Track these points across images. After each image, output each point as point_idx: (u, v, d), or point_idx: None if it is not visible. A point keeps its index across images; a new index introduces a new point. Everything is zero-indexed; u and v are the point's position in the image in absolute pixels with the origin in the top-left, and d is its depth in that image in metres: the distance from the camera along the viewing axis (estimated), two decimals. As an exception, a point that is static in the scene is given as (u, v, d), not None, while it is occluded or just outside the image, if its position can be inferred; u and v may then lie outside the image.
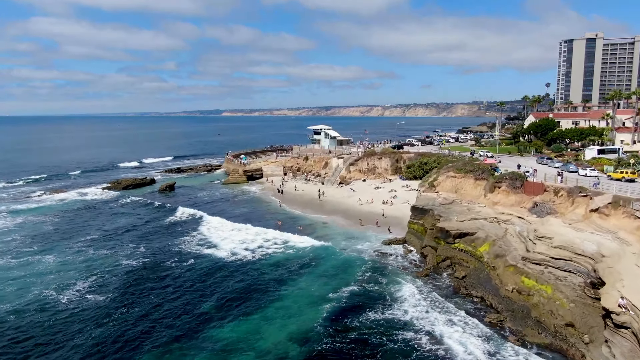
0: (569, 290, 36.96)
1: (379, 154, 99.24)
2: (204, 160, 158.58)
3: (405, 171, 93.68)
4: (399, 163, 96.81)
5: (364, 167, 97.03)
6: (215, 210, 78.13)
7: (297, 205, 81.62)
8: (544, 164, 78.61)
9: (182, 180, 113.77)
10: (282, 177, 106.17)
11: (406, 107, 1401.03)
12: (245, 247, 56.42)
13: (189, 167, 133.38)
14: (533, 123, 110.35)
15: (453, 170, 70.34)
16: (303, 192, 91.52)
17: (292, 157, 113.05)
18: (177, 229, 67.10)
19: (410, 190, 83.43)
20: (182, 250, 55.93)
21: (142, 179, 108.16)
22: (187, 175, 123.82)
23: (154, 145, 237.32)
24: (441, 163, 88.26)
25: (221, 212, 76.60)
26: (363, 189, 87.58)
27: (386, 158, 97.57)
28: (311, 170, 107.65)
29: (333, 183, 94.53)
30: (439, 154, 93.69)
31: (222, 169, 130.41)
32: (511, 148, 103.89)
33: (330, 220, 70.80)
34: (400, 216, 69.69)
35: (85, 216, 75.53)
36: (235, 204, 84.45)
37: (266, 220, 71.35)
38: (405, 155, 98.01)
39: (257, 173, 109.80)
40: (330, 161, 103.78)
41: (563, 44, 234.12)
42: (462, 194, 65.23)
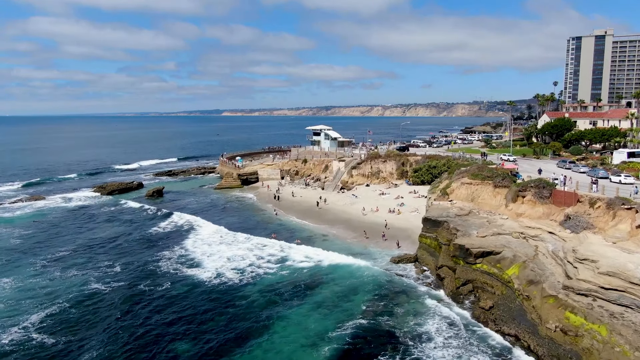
0: (629, 332, 29.56)
1: (383, 156, 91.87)
2: (200, 162, 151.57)
3: (412, 175, 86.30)
4: (405, 167, 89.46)
5: (368, 171, 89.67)
6: (204, 220, 70.76)
7: (295, 213, 74.32)
8: (567, 169, 71.24)
9: (172, 184, 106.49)
10: (279, 181, 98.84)
11: (406, 107, 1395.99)
12: (232, 267, 49.02)
13: (181, 169, 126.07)
14: (548, 123, 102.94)
15: (468, 176, 62.98)
16: (301, 198, 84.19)
17: (290, 160, 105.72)
18: (158, 242, 59.72)
19: (418, 197, 76.05)
20: (160, 271, 48.56)
21: (129, 183, 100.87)
22: (178, 178, 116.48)
23: (150, 146, 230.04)
24: (452, 167, 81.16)
25: (210, 222, 69.28)
26: (367, 196, 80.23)
27: (391, 161, 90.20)
28: (310, 174, 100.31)
29: (334, 188, 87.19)
30: (448, 157, 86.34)
31: (216, 172, 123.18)
32: (526, 150, 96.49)
33: (331, 232, 63.47)
34: (409, 228, 62.39)
35: (60, 227, 68.21)
36: (226, 212, 77.04)
37: (259, 231, 64.00)
38: (412, 158, 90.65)
39: (252, 177, 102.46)
40: (330, 164, 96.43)
41: (571, 42, 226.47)
42: (480, 203, 57.87)
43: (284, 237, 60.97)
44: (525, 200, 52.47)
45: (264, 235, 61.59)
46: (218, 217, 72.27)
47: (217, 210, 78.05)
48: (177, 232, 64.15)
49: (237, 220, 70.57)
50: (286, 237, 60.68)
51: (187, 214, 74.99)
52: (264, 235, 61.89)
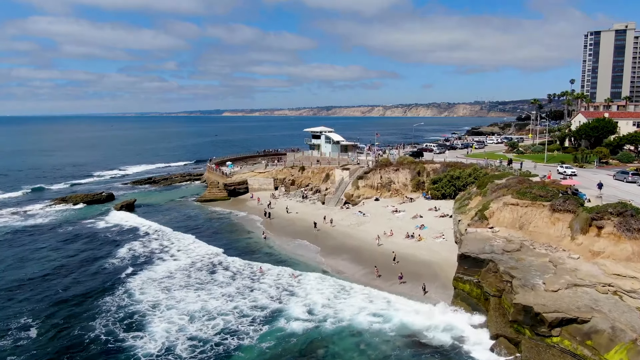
0: None
1: (395, 164, 77.26)
2: (190, 168, 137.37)
3: (430, 188, 71.72)
4: (421, 176, 74.87)
5: (377, 181, 75.10)
6: (171, 246, 56.32)
7: (288, 236, 59.85)
8: (631, 182, 56.77)
9: (148, 195, 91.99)
10: (272, 193, 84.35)
11: (407, 107, 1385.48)
12: (193, 332, 34.41)
13: (163, 177, 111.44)
14: (585, 124, 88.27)
15: (512, 193, 48.48)
16: (297, 215, 69.73)
17: (285, 167, 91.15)
18: (104, 281, 45.18)
19: (441, 217, 61.48)
20: (87, 336, 34.00)
21: (97, 195, 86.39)
22: (158, 187, 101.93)
23: (141, 148, 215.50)
24: (480, 178, 66.80)
25: (179, 250, 54.82)
26: (376, 213, 65.72)
27: (405, 170, 75.59)
28: (308, 184, 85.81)
29: (336, 203, 72.71)
30: (473, 165, 71.75)
31: (202, 180, 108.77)
32: (563, 156, 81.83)
33: (333, 265, 48.96)
34: (435, 261, 47.91)
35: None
36: (203, 235, 62.37)
37: (240, 265, 49.51)
38: (429, 167, 76.04)
39: (240, 187, 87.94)
40: (332, 173, 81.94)
41: (589, 37, 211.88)
42: (532, 232, 43.40)
43: (273, 274, 46.49)
44: (604, 233, 37.87)
45: (247, 272, 47.13)
46: (190, 244, 57.63)
47: (192, 232, 63.37)
48: (131, 266, 49.58)
49: (215, 248, 55.96)
50: (275, 274, 46.25)
51: (153, 237, 60.58)
52: (247, 271, 47.41)
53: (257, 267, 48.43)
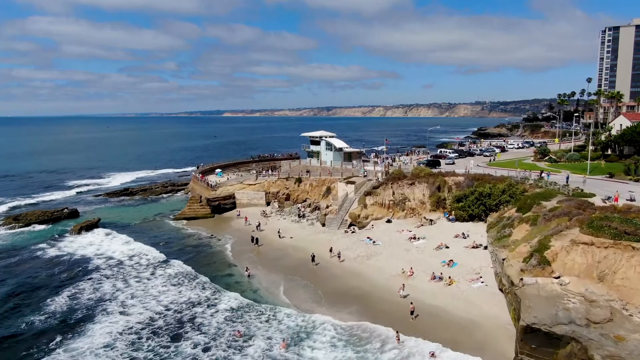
0: None
1: (409, 176, 64.23)
2: (183, 173, 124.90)
3: (454, 207, 58.71)
4: (441, 192, 61.87)
5: (388, 198, 62.10)
6: (127, 290, 43.41)
7: (279, 272, 47.00)
8: None
9: (119, 211, 79.05)
10: (263, 210, 71.42)
11: (408, 108, 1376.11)
12: None
13: (142, 187, 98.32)
14: (631, 128, 75.24)
15: (580, 226, 35.55)
16: (291, 241, 56.84)
17: (279, 179, 78.13)
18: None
19: (473, 248, 48.49)
20: None
21: (58, 212, 73.47)
22: (134, 200, 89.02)
23: (131, 152, 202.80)
24: (516, 195, 54.19)
25: (134, 297, 41.88)
26: (390, 241, 52.78)
27: (421, 184, 62.59)
28: (306, 198, 72.96)
29: (339, 225, 59.76)
30: (509, 180, 58.70)
31: (186, 191, 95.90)
32: (611, 167, 68.79)
33: (337, 324, 35.98)
34: (478, 321, 34.94)
35: None
36: (172, 269, 49.46)
37: (218, 323, 36.62)
38: (451, 180, 63.01)
39: (226, 202, 75.05)
40: (334, 186, 69.06)
41: (607, 32, 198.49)
42: (619, 287, 30.53)
43: (258, 338, 33.57)
44: None
45: (226, 340, 34.23)
46: (152, 287, 44.63)
47: (159, 265, 50.43)
48: (62, 326, 36.62)
49: (185, 291, 43.02)
50: (262, 339, 33.37)
51: (106, 273, 47.71)
52: (227, 338, 34.50)
53: (237, 329, 35.50)
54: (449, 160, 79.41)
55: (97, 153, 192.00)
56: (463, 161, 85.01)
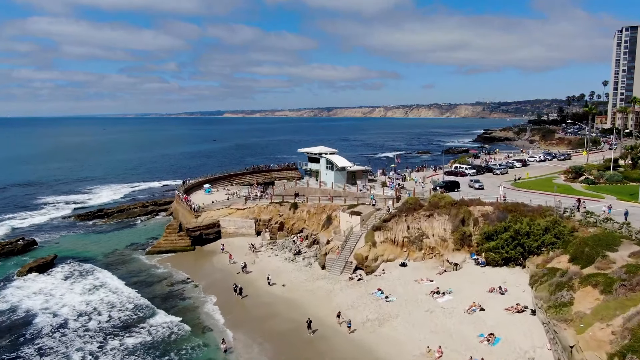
0: None
1: (427, 206, 53.25)
2: (172, 187, 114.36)
3: (484, 248, 47.73)
4: (466, 226, 50.90)
5: (402, 234, 51.13)
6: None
7: (264, 341, 36.34)
8: None
9: (86, 240, 68.17)
10: (252, 243, 60.49)
11: (409, 108, 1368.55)
12: None
13: (118, 208, 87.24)
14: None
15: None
16: (283, 291, 46.00)
17: (272, 203, 67.11)
18: None
19: (517, 312, 37.45)
20: None
21: (9, 244, 62.59)
22: (107, 224, 78.14)
23: (122, 160, 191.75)
24: (564, 236, 43.64)
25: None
26: (406, 295, 41.87)
27: (441, 216, 51.62)
28: (302, 228, 62.12)
29: (342, 269, 48.89)
30: (550, 212, 47.73)
31: (169, 212, 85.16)
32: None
33: None
34: None
35: None
36: (128, 337, 38.58)
37: None
38: (477, 210, 52.02)
39: (209, 232, 64.20)
40: (336, 216, 58.16)
41: (624, 32, 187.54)
42: None
43: None
44: None
45: None
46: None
47: (111, 332, 39.50)
48: None
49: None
50: None
51: (36, 346, 36.83)
52: None
53: None
54: (478, 185, 66.22)
55: (84, 161, 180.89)
56: (483, 180, 74.13)
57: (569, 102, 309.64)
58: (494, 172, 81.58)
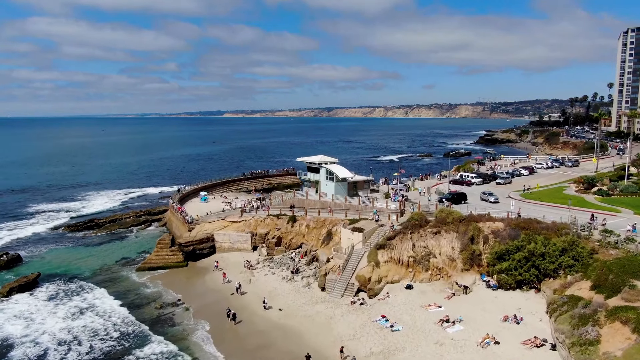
0: None
1: (433, 222, 50.03)
2: (169, 193, 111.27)
3: (495, 269, 44.56)
4: (476, 244, 47.69)
5: (407, 253, 47.90)
6: None
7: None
8: None
9: (74, 255, 64.91)
10: (247, 260, 57.23)
11: (409, 108, 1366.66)
12: None
13: (110, 218, 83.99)
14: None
15: None
16: (280, 316, 42.77)
17: (269, 216, 63.90)
18: None
19: (536, 347, 34.18)
20: None
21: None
22: (98, 236, 74.90)
23: (119, 164, 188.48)
24: (583, 258, 40.59)
25: None
26: (413, 324, 38.63)
27: (449, 234, 48.43)
28: (301, 244, 58.90)
29: (343, 290, 45.71)
30: (566, 231, 44.56)
31: (162, 223, 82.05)
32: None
33: None
34: None
35: None
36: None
37: None
38: (487, 227, 48.83)
39: (203, 247, 61.08)
40: (336, 231, 54.95)
41: (629, 34, 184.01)
42: None
43: None
44: None
45: None
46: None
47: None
48: None
49: None
50: None
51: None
52: None
53: None
54: (493, 199, 60.90)
55: (80, 165, 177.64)
56: (491, 189, 70.87)
57: (572, 103, 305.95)
58: (497, 182, 77.63)
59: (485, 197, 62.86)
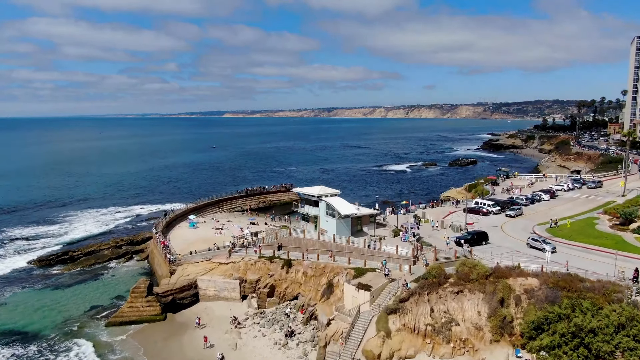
0: None
1: (454, 279, 41.88)
2: (159, 213, 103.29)
3: (533, 344, 36.37)
4: (506, 306, 39.54)
5: (424, 319, 39.73)
6: None
7: None
8: None
9: (35, 301, 56.70)
10: (234, 317, 49.07)
11: (410, 109, 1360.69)
12: None
13: (86, 249, 75.61)
14: None
15: None
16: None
17: (261, 257, 55.66)
18: None
19: None
20: None
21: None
22: (71, 273, 66.81)
23: (114, 172, 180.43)
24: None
25: None
26: None
27: (474, 294, 40.30)
28: (297, 294, 50.82)
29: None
30: (622, 296, 36.44)
31: (145, 255, 74.08)
32: None
33: None
34: None
35: None
36: None
37: None
38: (519, 285, 40.72)
39: (185, 295, 52.98)
40: (338, 283, 46.83)
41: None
42: None
43: None
44: None
45: None
46: None
47: None
48: None
49: None
50: None
51: None
52: None
53: None
54: (550, 248, 47.97)
55: (68, 177, 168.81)
56: (511, 224, 62.74)
57: (580, 108, 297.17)
58: (506, 214, 66.16)
59: (537, 244, 50.08)
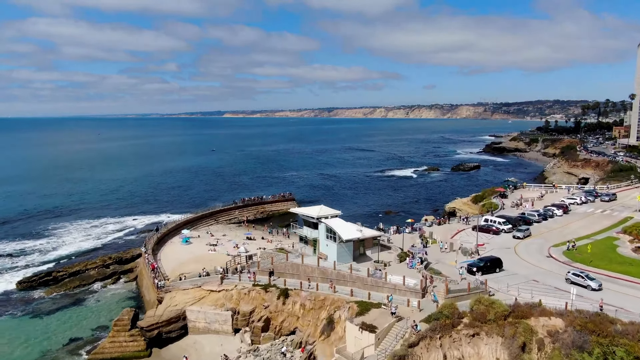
0: None
1: (469, 320, 37.50)
2: (157, 223, 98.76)
3: (561, 400, 32.01)
4: (527, 351, 35.19)
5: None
6: None
7: None
8: None
9: (9, 331, 52.35)
10: (225, 355, 44.71)
11: (410, 109, 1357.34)
12: None
13: (71, 268, 70.82)
14: None
15: None
16: None
17: (255, 285, 51.27)
18: None
19: None
20: None
21: None
22: (52, 297, 62.49)
23: (109, 179, 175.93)
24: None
25: None
26: None
27: (492, 338, 35.96)
28: (294, 329, 46.48)
29: None
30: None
31: (133, 276, 69.80)
32: None
33: None
34: None
35: None
36: None
37: None
38: (540, 326, 36.39)
39: (172, 328, 48.62)
40: (339, 319, 42.48)
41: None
42: None
43: None
44: None
45: None
46: None
47: None
48: None
49: None
50: None
51: None
52: None
53: None
54: (595, 285, 42.23)
55: (61, 183, 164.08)
56: (524, 245, 58.41)
57: (584, 111, 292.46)
58: (514, 236, 60.68)
59: (579, 280, 43.34)
